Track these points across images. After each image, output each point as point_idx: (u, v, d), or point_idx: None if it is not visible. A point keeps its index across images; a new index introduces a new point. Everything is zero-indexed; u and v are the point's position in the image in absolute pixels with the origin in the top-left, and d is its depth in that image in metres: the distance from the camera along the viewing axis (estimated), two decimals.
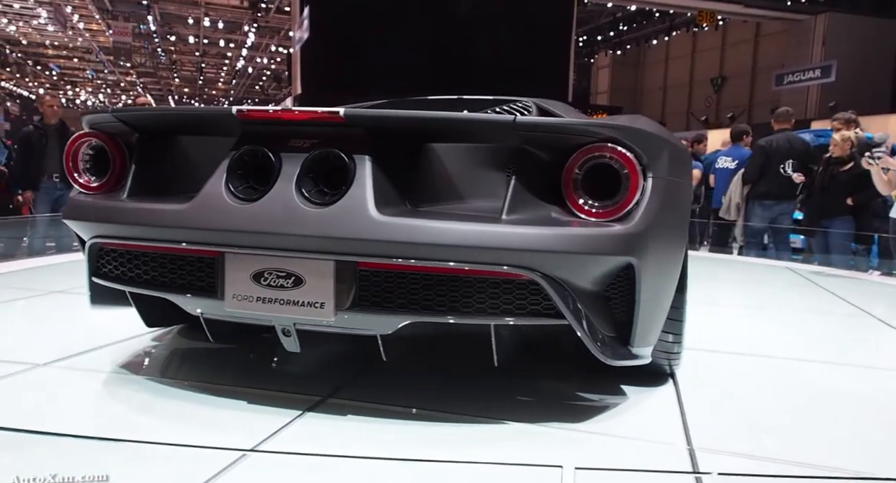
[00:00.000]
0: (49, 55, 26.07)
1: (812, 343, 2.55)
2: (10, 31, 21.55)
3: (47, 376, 1.81)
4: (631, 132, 1.45)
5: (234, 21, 19.68)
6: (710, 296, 3.49)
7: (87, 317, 2.05)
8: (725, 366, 2.11)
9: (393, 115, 1.53)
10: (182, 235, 1.50)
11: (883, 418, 1.69)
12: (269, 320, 1.49)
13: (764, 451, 1.42)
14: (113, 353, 2.01)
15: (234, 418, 1.53)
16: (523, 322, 1.41)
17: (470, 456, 1.33)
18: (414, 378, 1.87)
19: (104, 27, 19.95)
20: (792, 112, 5.66)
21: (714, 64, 21.31)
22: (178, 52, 24.75)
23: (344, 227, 1.36)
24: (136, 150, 1.69)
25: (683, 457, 1.37)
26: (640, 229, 1.41)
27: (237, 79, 29.12)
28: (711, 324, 2.73)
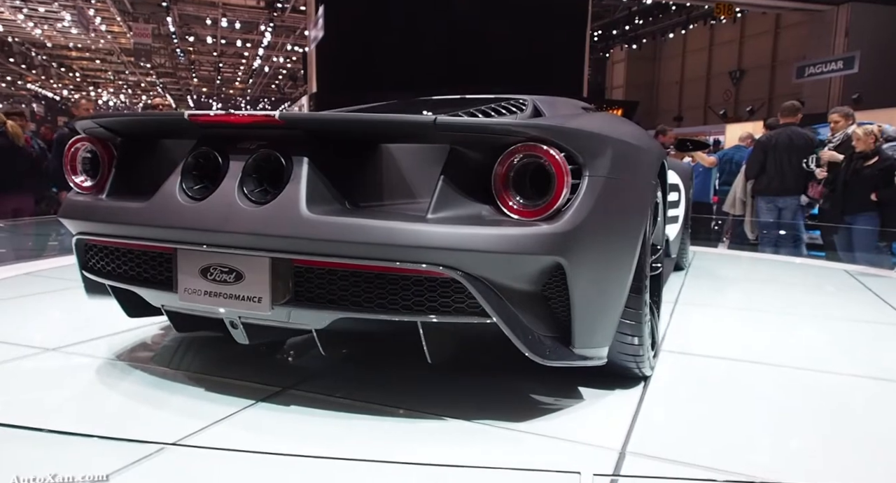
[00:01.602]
0: (72, 57, 26.57)
1: (837, 352, 2.39)
2: (35, 35, 22.01)
3: (47, 360, 1.98)
4: (560, 131, 1.44)
5: (251, 21, 19.88)
6: (739, 300, 3.46)
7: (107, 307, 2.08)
8: (719, 373, 2.04)
9: (325, 118, 1.58)
10: (141, 232, 1.61)
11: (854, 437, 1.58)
12: (217, 313, 1.56)
13: (697, 459, 1.36)
14: (112, 340, 2.14)
15: (180, 406, 1.61)
16: (449, 320, 1.42)
17: (403, 454, 1.35)
18: (388, 374, 1.91)
19: (125, 29, 20.29)
20: (799, 106, 5.63)
21: (732, 57, 21.00)
22: (196, 53, 25.07)
23: (275, 224, 1.42)
24: (117, 152, 1.80)
25: (609, 459, 1.34)
26: (568, 229, 1.39)
27: (254, 78, 29.41)
28: (723, 328, 2.70)
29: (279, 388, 1.72)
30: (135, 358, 1.99)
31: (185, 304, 1.58)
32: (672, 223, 3.51)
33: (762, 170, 5.44)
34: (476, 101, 2.30)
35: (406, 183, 1.58)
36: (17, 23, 20.61)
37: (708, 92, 22.05)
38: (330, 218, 1.40)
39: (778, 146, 5.31)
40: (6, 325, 2.42)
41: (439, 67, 8.85)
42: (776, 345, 2.41)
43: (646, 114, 21.81)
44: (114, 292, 1.82)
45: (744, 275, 4.42)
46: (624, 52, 23.51)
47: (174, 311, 1.70)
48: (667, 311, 2.87)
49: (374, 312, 1.43)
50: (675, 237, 3.63)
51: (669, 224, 3.47)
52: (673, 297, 3.19)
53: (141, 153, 1.81)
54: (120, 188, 1.75)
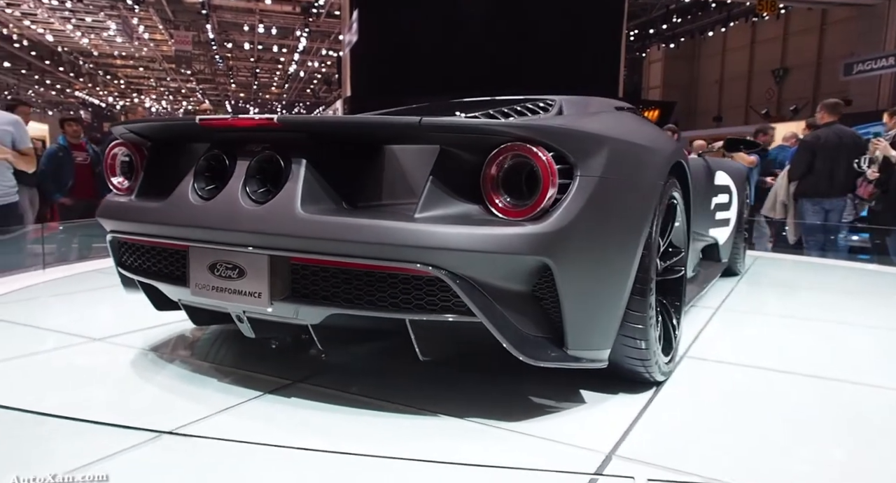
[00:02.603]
0: (117, 65, 27.53)
1: (883, 364, 2.28)
2: (83, 44, 22.88)
3: (89, 349, 2.19)
4: (549, 131, 1.43)
5: (287, 27, 20.24)
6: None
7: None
8: (741, 381, 1.95)
9: (317, 120, 1.64)
10: (159, 231, 1.71)
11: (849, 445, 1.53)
12: (224, 307, 1.65)
13: (683, 465, 1.33)
14: (149, 332, 2.32)
15: (192, 394, 1.73)
16: (435, 318, 1.43)
17: (398, 450, 1.38)
18: (395, 372, 1.96)
19: (167, 37, 20.91)
20: (842, 103, 5.43)
21: (775, 55, 20.35)
22: (234, 59, 25.65)
23: (272, 223, 1.48)
24: (147, 156, 1.90)
25: (593, 461, 1.34)
26: (554, 229, 1.38)
27: (289, 83, 29.93)
28: (761, 336, 2.58)
29: (289, 381, 1.80)
30: (164, 349, 2.16)
31: (196, 298, 1.66)
32: (721, 226, 3.38)
33: (808, 171, 5.22)
34: (504, 103, 2.28)
35: (401, 183, 1.60)
36: (67, 33, 21.46)
37: (749, 91, 21.42)
38: (322, 217, 1.45)
39: (827, 145, 5.09)
40: (66, 316, 2.74)
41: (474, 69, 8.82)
42: (815, 354, 2.30)
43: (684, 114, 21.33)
44: (142, 287, 1.92)
45: (804, 281, 4.22)
46: (661, 52, 23.04)
47: (190, 305, 1.80)
48: (704, 316, 2.78)
49: (364, 309, 1.46)
50: (725, 241, 3.48)
51: (718, 227, 3.34)
52: (717, 302, 3.08)
53: (165, 156, 1.89)
54: (147, 189, 1.85)
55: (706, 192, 3.09)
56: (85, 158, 5.80)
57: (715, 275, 3.31)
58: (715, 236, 3.35)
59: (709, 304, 3.03)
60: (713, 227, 3.28)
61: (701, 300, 3.09)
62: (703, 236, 3.11)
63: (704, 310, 2.92)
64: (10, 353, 2.12)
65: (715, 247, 3.46)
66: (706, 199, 3.10)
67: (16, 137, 3.84)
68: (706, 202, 3.10)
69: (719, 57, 22.50)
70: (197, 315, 1.87)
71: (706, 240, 3.25)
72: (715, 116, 21.85)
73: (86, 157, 5.81)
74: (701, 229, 3.01)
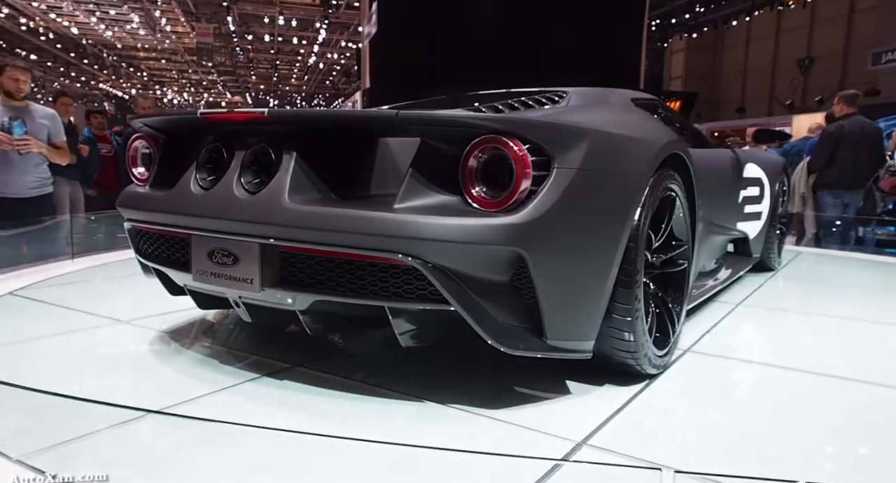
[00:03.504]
0: (140, 57, 27.89)
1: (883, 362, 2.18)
2: (107, 36, 23.22)
3: (114, 329, 2.36)
4: (525, 124, 1.44)
5: (307, 18, 20.30)
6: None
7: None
8: (741, 377, 1.94)
9: (304, 114, 1.71)
10: (164, 219, 1.80)
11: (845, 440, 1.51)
12: (222, 293, 1.72)
13: (652, 456, 1.34)
14: (169, 316, 2.45)
15: (193, 373, 1.82)
16: (412, 306, 1.47)
17: (376, 432, 1.43)
18: (390, 359, 2.03)
19: (188, 29, 21.12)
20: (860, 95, 5.30)
21: (801, 44, 19.89)
22: (254, 51, 25.82)
23: (261, 212, 1.55)
24: (161, 148, 1.98)
25: (563, 448, 1.36)
26: (528, 220, 1.39)
27: (309, 75, 30.06)
28: (777, 333, 2.54)
29: (289, 365, 1.88)
30: (181, 331, 2.29)
31: (197, 284, 1.75)
32: (751, 220, 3.30)
33: (830, 162, 5.12)
34: (517, 95, 2.29)
35: (388, 174, 1.62)
36: (91, 25, 21.79)
37: (773, 81, 20.99)
38: (306, 207, 1.51)
39: (850, 137, 4.97)
40: (102, 299, 2.91)
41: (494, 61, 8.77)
42: (828, 352, 2.25)
43: (706, 105, 20.99)
44: (155, 273, 2.02)
45: (844, 278, 4.02)
46: (683, 42, 22.66)
47: (193, 290, 1.88)
48: (723, 311, 2.74)
49: (346, 296, 1.51)
50: (756, 235, 3.40)
51: (747, 221, 3.27)
52: (740, 298, 3.02)
53: (176, 148, 1.96)
54: (159, 180, 1.93)
55: (732, 185, 3.02)
56: (109, 150, 5.91)
57: (740, 269, 3.23)
58: (744, 230, 3.26)
59: (731, 300, 2.98)
60: (742, 221, 3.19)
61: (724, 295, 3.04)
62: (727, 230, 3.03)
63: (725, 305, 2.87)
64: (43, 331, 2.30)
65: (745, 241, 3.37)
66: (732, 192, 3.03)
67: (51, 131, 3.89)
68: (732, 195, 3.04)
69: (743, 47, 22.06)
70: (201, 300, 1.96)
71: (733, 234, 3.16)
72: (738, 107, 21.45)
73: (110, 148, 5.92)
74: (725, 222, 2.95)
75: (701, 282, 2.70)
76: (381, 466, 1.30)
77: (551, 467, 1.26)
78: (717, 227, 2.82)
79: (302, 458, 1.33)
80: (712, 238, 2.73)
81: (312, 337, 2.17)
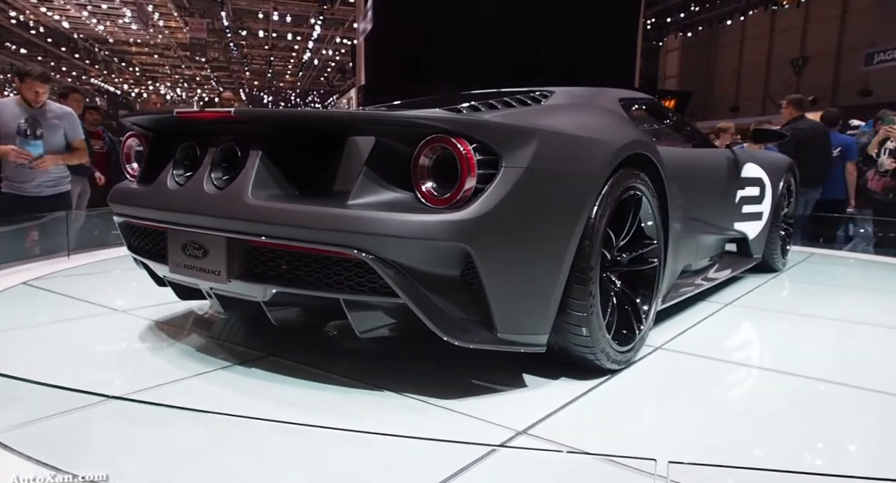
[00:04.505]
0: (132, 52, 27.70)
1: (869, 365, 2.13)
2: (98, 31, 23.05)
3: (108, 317, 2.47)
4: (472, 124, 1.49)
5: (301, 14, 20.23)
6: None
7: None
8: (704, 374, 1.94)
9: (266, 113, 1.79)
10: (144, 213, 1.90)
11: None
12: (196, 284, 1.80)
13: (585, 445, 1.40)
14: (163, 307, 2.52)
15: (169, 360, 1.90)
16: (366, 299, 1.53)
17: (334, 420, 1.48)
18: (365, 350, 2.09)
19: (181, 24, 20.99)
20: (806, 100, 5.66)
21: (794, 44, 20.01)
22: (248, 47, 25.71)
23: (226, 208, 1.62)
24: (150, 145, 2.06)
25: (501, 436, 1.42)
26: (473, 217, 1.44)
27: (303, 71, 29.96)
28: (757, 334, 2.54)
29: (263, 354, 1.97)
30: (170, 321, 2.37)
31: (173, 275, 1.84)
32: (750, 220, 3.30)
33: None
34: (504, 94, 2.33)
35: (347, 172, 1.67)
36: (82, 20, 21.62)
37: (767, 81, 21.10)
38: (266, 203, 1.58)
39: (806, 136, 5.14)
40: (104, 290, 3.01)
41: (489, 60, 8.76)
42: (801, 353, 2.23)
43: (701, 104, 21.07)
44: (142, 265, 2.10)
45: (853, 281, 3.93)
46: (678, 41, 22.75)
47: (172, 281, 1.97)
48: (709, 310, 2.74)
49: (303, 288, 1.58)
50: (756, 235, 3.39)
51: (746, 221, 3.26)
52: (732, 298, 3.02)
53: (161, 146, 2.03)
54: (146, 176, 2.01)
55: (727, 185, 3.03)
56: (102, 147, 5.85)
57: (736, 269, 3.22)
58: (743, 230, 3.25)
59: (722, 300, 2.97)
60: (740, 221, 3.19)
61: (717, 295, 3.04)
62: (721, 229, 3.03)
63: (714, 304, 2.87)
64: (42, 319, 2.44)
65: (745, 241, 3.36)
66: (727, 192, 3.03)
67: (67, 130, 3.80)
68: (727, 195, 3.04)
69: (737, 46, 22.16)
70: (179, 291, 2.04)
71: (729, 234, 3.16)
72: (732, 106, 21.55)
73: (102, 144, 5.87)
74: (717, 222, 2.95)
75: (687, 280, 2.69)
76: (334, 452, 1.37)
77: (487, 452, 1.34)
78: (707, 225, 2.82)
79: (250, 441, 1.40)
80: (698, 237, 2.71)
81: (301, 328, 2.24)
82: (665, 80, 23.60)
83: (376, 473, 1.27)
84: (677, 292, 2.50)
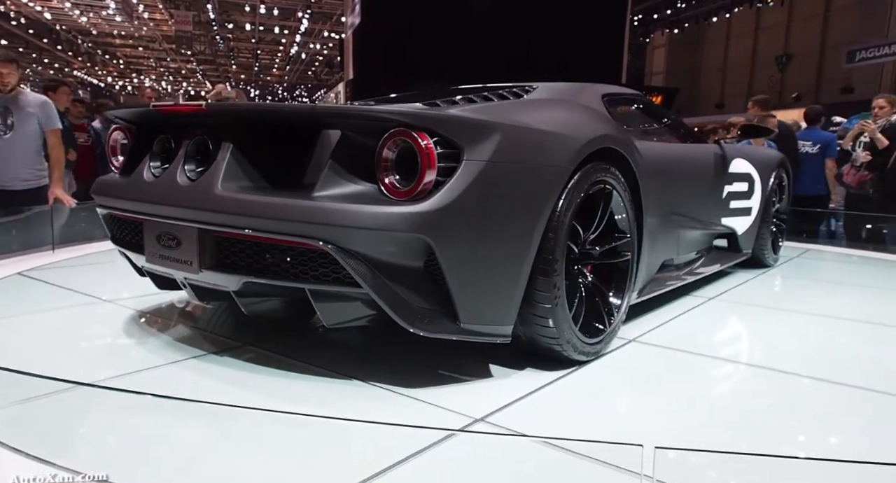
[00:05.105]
0: (116, 44, 27.29)
1: (847, 359, 2.13)
2: (81, 22, 22.67)
3: (94, 307, 2.55)
4: (433, 118, 1.53)
5: (289, 8, 20.05)
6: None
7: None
8: (673, 367, 1.97)
9: (235, 107, 1.83)
10: (122, 205, 1.94)
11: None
12: (171, 274, 1.84)
13: (536, 431, 1.44)
14: (151, 297, 2.56)
15: (144, 350, 1.95)
16: (331, 288, 1.56)
17: (305, 406, 1.53)
18: (341, 342, 2.14)
19: (167, 16, 20.72)
20: (771, 100, 5.90)
21: (779, 41, 20.21)
22: (235, 40, 25.44)
23: (197, 199, 1.66)
24: (132, 138, 2.10)
25: (459, 422, 1.47)
26: (433, 209, 1.47)
27: (291, 65, 29.72)
28: (734, 327, 2.58)
29: (239, 344, 2.03)
30: (152, 310, 2.44)
31: (149, 265, 1.88)
32: (738, 215, 3.33)
33: None
34: (486, 89, 2.37)
35: (314, 164, 1.70)
36: (65, 11, 21.25)
37: (752, 78, 21.31)
38: (233, 194, 1.62)
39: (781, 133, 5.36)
40: (94, 280, 3.05)
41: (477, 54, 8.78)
42: (775, 346, 2.26)
43: (687, 101, 21.23)
44: (124, 256, 2.14)
45: (844, 277, 3.89)
46: (665, 37, 22.89)
47: (150, 272, 2.01)
48: (691, 304, 2.77)
49: (270, 278, 1.62)
50: (745, 230, 3.42)
51: (734, 216, 3.29)
52: (716, 292, 3.05)
53: (143, 139, 2.06)
54: (126, 169, 2.05)
55: (713, 180, 3.06)
56: (86, 140, 5.79)
57: (723, 264, 3.25)
58: (731, 225, 3.28)
59: (707, 294, 2.99)
60: (727, 217, 3.23)
61: (703, 289, 3.07)
62: (707, 224, 3.06)
63: (697, 298, 2.89)
64: (28, 308, 2.50)
65: (734, 236, 3.39)
66: (712, 187, 3.07)
67: (41, 119, 3.70)
68: (713, 190, 3.08)
69: (723, 43, 22.34)
70: (157, 281, 2.07)
71: (716, 228, 3.19)
72: (717, 103, 21.74)
73: (87, 137, 5.80)
74: (701, 217, 2.98)
75: (669, 274, 2.72)
76: (295, 436, 1.42)
77: (445, 436, 1.39)
78: (690, 220, 2.84)
79: (215, 426, 1.46)
80: (679, 232, 2.73)
81: (274, 318, 2.30)
82: (652, 76, 23.73)
83: (331, 453, 1.33)
84: (657, 286, 2.52)
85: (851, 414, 1.67)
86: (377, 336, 2.16)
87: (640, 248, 2.23)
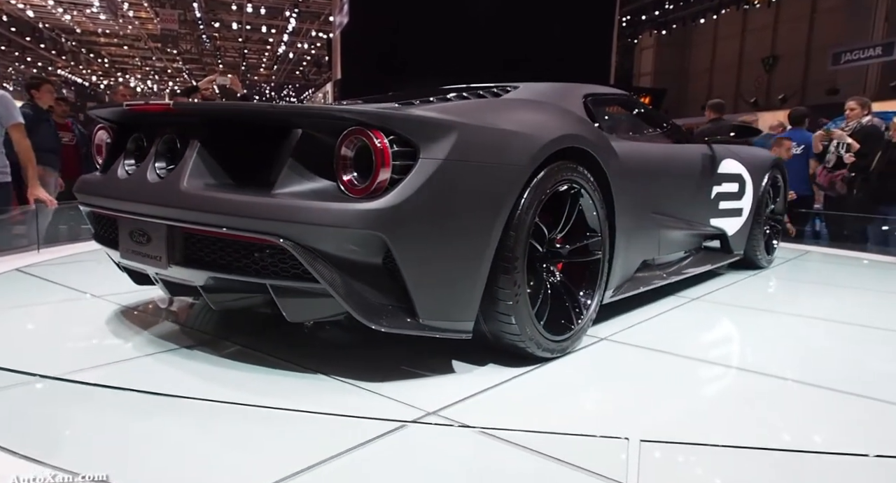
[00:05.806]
0: (101, 43, 26.97)
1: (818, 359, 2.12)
2: (65, 20, 22.37)
3: (82, 301, 2.66)
4: (389, 117, 1.54)
5: (276, 7, 19.92)
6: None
7: None
8: (638, 364, 1.98)
9: (201, 107, 1.88)
10: (99, 202, 1.98)
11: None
12: (143, 269, 1.89)
13: (485, 423, 1.47)
14: (143, 292, 2.58)
15: (116, 344, 2.00)
16: (290, 284, 1.59)
17: (269, 400, 1.56)
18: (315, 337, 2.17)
19: (152, 15, 20.49)
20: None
21: (765, 43, 20.39)
22: (221, 39, 25.23)
23: (164, 196, 1.70)
24: (113, 137, 2.12)
25: (413, 415, 1.50)
26: (388, 206, 1.49)
27: (278, 64, 29.53)
28: (712, 327, 2.57)
29: (212, 338, 2.08)
30: (138, 304, 2.50)
31: (123, 260, 1.94)
32: (728, 216, 3.32)
33: None
34: (468, 89, 2.38)
35: (277, 162, 1.70)
36: (48, 8, 20.95)
37: (739, 79, 21.49)
38: (199, 192, 1.66)
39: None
40: (84, 277, 3.11)
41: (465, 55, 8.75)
42: (749, 346, 2.27)
43: (675, 101, 21.36)
44: (107, 253, 2.16)
45: (839, 280, 3.81)
46: (653, 38, 23.01)
47: (126, 267, 2.06)
48: (671, 304, 2.76)
49: (233, 274, 1.65)
50: (735, 232, 3.41)
51: (724, 217, 3.29)
52: (701, 293, 3.04)
53: (120, 138, 2.10)
54: (105, 167, 2.10)
55: (699, 181, 3.05)
56: (71, 139, 5.71)
57: (711, 265, 3.23)
58: (720, 226, 3.27)
59: (690, 294, 2.98)
60: (716, 217, 3.22)
61: (688, 289, 3.06)
62: (693, 225, 3.04)
63: (679, 298, 2.88)
64: (17, 302, 2.62)
65: (724, 237, 3.38)
66: (699, 188, 3.06)
67: (2, 114, 3.57)
68: (700, 191, 3.06)
69: (710, 45, 22.50)
70: (134, 276, 2.12)
71: (704, 229, 3.17)
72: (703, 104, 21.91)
73: (72, 137, 5.72)
74: (686, 217, 2.97)
75: (649, 273, 2.70)
76: (250, 427, 1.45)
77: (395, 427, 1.43)
78: (673, 220, 2.82)
79: (175, 417, 1.50)
80: (660, 232, 2.69)
81: (243, 313, 2.35)
82: (640, 77, 23.86)
83: (282, 443, 1.35)
84: (636, 285, 2.51)
85: (813, 410, 1.67)
86: (347, 332, 2.19)
87: (614, 247, 2.22)
